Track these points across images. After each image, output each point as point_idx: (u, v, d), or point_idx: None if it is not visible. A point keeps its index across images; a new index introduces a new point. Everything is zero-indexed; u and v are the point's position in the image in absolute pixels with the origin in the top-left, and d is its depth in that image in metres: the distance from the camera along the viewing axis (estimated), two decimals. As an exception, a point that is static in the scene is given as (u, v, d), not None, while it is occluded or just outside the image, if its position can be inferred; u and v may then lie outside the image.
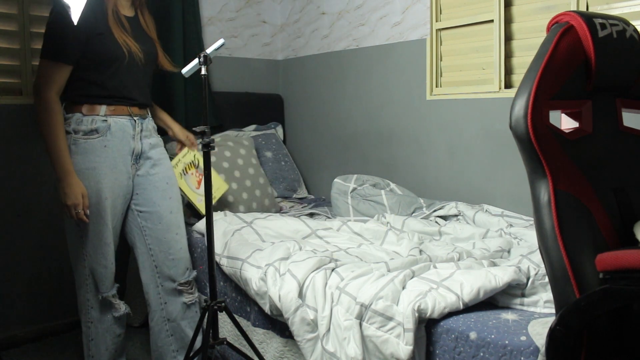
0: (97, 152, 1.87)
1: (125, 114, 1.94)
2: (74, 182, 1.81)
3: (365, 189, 2.54)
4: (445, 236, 2.15)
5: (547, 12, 2.27)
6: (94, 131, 1.87)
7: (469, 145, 2.54)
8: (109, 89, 1.90)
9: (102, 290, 1.94)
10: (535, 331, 1.33)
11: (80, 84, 1.88)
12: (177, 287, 2.05)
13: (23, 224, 2.52)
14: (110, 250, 1.93)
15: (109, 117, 1.90)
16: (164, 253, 2.03)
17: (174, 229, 2.04)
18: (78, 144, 1.86)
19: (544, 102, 1.08)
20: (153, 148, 2.03)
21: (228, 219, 2.29)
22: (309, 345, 1.66)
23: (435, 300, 1.48)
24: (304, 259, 1.80)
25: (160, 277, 2.04)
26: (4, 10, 2.46)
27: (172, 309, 2.05)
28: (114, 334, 2.00)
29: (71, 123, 1.87)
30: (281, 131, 3.36)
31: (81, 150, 1.86)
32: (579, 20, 1.13)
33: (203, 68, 1.75)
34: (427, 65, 2.68)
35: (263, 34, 3.40)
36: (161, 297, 2.05)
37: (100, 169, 1.87)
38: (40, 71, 1.84)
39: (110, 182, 1.89)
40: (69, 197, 1.80)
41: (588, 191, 1.12)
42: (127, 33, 1.92)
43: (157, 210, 2.01)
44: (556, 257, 1.06)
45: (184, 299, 2.06)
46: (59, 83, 1.84)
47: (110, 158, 1.89)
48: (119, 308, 1.98)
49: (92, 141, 1.87)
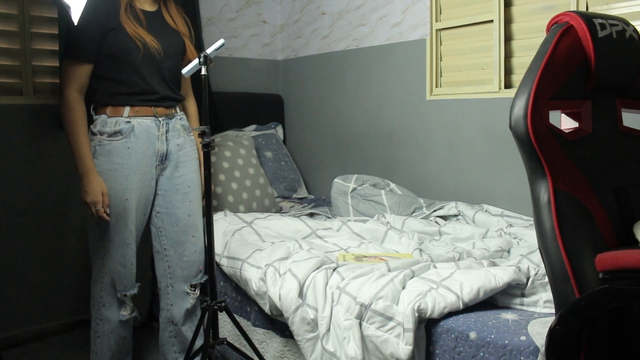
0: (121, 154, 1.88)
1: (150, 114, 1.93)
2: (94, 180, 1.82)
3: (365, 189, 2.54)
4: (445, 236, 2.15)
5: (547, 12, 2.27)
6: (117, 133, 1.88)
7: (469, 145, 2.54)
8: (131, 86, 1.89)
9: (119, 289, 1.93)
10: (535, 331, 1.33)
11: (103, 83, 1.90)
12: (187, 289, 2.05)
13: (23, 224, 2.53)
14: (130, 251, 1.93)
15: (132, 119, 1.90)
16: (179, 255, 2.02)
17: (190, 231, 2.03)
18: (103, 145, 1.88)
19: (544, 102, 1.09)
20: (181, 149, 2.02)
21: (228, 219, 2.29)
22: (309, 344, 1.66)
23: (435, 300, 1.48)
24: (305, 258, 1.80)
25: (172, 277, 2.04)
26: (4, 10, 2.46)
27: (176, 312, 2.05)
28: (119, 336, 1.99)
29: (97, 124, 1.89)
30: (281, 131, 3.36)
31: (105, 152, 1.87)
32: (578, 20, 1.13)
33: (203, 68, 1.75)
34: (427, 65, 2.68)
35: (263, 34, 3.40)
36: (169, 298, 2.06)
37: (123, 170, 1.88)
38: (62, 71, 1.90)
39: (133, 184, 1.89)
40: (89, 194, 1.81)
41: (588, 191, 1.12)
42: (143, 27, 1.91)
43: (175, 213, 2.01)
44: (556, 257, 1.06)
45: (188, 305, 2.05)
46: (79, 81, 1.87)
47: (133, 160, 1.89)
48: (130, 310, 1.97)
49: (115, 143, 1.88)
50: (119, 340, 1.98)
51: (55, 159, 2.59)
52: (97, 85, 1.90)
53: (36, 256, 2.56)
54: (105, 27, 1.85)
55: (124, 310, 1.96)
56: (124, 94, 1.90)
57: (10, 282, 2.49)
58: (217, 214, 2.34)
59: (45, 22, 2.56)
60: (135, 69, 1.89)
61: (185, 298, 2.06)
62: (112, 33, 1.86)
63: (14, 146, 2.48)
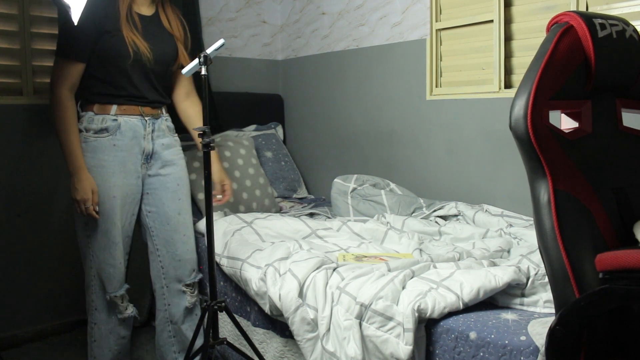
0: (107, 150, 1.89)
1: (137, 113, 1.95)
2: (85, 178, 1.83)
3: (365, 189, 2.54)
4: (445, 236, 2.15)
5: (547, 12, 2.27)
6: (104, 130, 1.89)
7: (468, 145, 2.54)
8: (118, 88, 1.91)
9: (109, 290, 1.94)
10: (535, 331, 1.33)
11: (92, 82, 1.91)
12: (182, 288, 2.05)
13: (23, 224, 2.53)
14: (119, 250, 1.93)
15: (119, 117, 1.91)
16: (171, 254, 2.03)
17: (181, 229, 2.04)
18: (88, 142, 1.89)
19: (544, 102, 1.09)
20: (166, 149, 2.03)
21: (228, 219, 2.29)
22: (308, 344, 1.66)
23: (435, 300, 1.48)
24: (305, 258, 1.80)
25: (165, 277, 2.05)
26: (4, 10, 2.46)
27: (174, 311, 2.06)
28: (118, 336, 1.99)
29: (83, 121, 1.90)
30: (281, 131, 3.36)
31: (91, 148, 1.88)
32: (578, 20, 1.13)
33: (203, 68, 1.75)
34: (427, 65, 2.68)
35: (263, 34, 3.40)
36: (166, 297, 2.06)
37: (109, 167, 1.89)
38: (54, 68, 1.89)
39: (119, 181, 1.90)
40: (79, 192, 1.82)
41: (588, 191, 1.12)
42: (138, 32, 1.92)
43: (165, 211, 2.01)
44: (556, 257, 1.06)
45: (186, 303, 2.06)
46: (71, 80, 1.87)
47: (119, 157, 1.90)
48: (123, 310, 1.97)
49: (101, 139, 1.89)
50: (118, 339, 1.98)
51: (55, 159, 2.58)
52: (85, 83, 1.91)
53: (36, 256, 2.56)
54: (101, 29, 1.85)
55: (119, 313, 1.96)
56: (112, 95, 1.91)
57: (10, 282, 2.49)
58: (217, 213, 2.34)
59: (45, 22, 2.56)
60: (124, 74, 1.91)
61: (182, 296, 2.06)
62: (107, 36, 1.86)
63: (14, 146, 2.48)
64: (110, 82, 1.90)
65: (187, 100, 2.20)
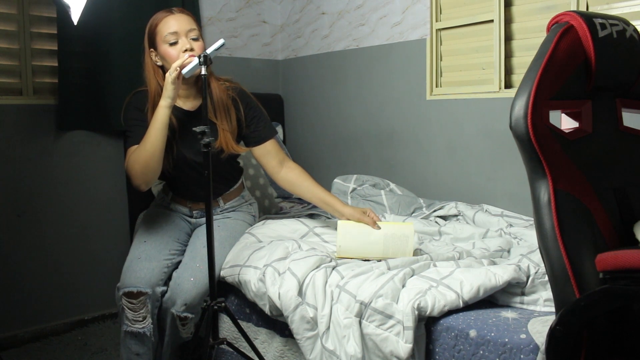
0: (162, 211, 2.16)
1: (185, 205, 2.14)
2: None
3: (365, 189, 2.54)
4: (445, 236, 2.15)
5: (547, 12, 2.28)
6: (163, 206, 2.19)
7: (469, 145, 2.54)
8: (171, 187, 2.17)
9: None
10: (535, 329, 1.33)
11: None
12: (173, 311, 1.88)
13: (23, 224, 2.53)
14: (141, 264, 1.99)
15: (171, 204, 2.16)
16: (178, 274, 1.93)
17: (199, 260, 1.92)
18: (152, 207, 2.23)
19: (544, 102, 1.09)
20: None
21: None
22: (308, 343, 1.66)
23: (435, 299, 1.48)
24: (304, 257, 1.80)
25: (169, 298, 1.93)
26: (4, 10, 2.46)
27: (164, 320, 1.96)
28: (130, 351, 1.89)
29: (157, 196, 2.27)
30: (281, 131, 3.36)
31: (152, 211, 2.18)
32: (579, 20, 1.13)
33: (203, 68, 1.74)
34: (427, 65, 2.68)
35: (263, 34, 3.40)
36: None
37: (162, 218, 2.11)
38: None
39: (168, 225, 2.10)
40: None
41: (588, 191, 1.12)
42: (175, 136, 1.98)
43: (194, 241, 2.05)
44: (556, 257, 1.06)
45: (181, 333, 1.93)
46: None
47: (172, 216, 2.13)
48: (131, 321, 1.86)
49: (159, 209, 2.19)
50: (130, 354, 1.89)
51: (55, 159, 2.59)
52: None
53: (36, 256, 2.56)
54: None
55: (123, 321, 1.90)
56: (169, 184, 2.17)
57: (10, 282, 2.49)
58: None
59: (45, 22, 2.56)
60: (169, 177, 2.09)
61: (173, 316, 1.92)
62: None
63: (13, 146, 2.49)
64: (166, 179, 2.16)
65: (283, 169, 2.11)
